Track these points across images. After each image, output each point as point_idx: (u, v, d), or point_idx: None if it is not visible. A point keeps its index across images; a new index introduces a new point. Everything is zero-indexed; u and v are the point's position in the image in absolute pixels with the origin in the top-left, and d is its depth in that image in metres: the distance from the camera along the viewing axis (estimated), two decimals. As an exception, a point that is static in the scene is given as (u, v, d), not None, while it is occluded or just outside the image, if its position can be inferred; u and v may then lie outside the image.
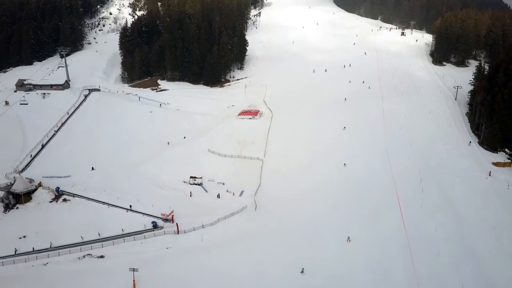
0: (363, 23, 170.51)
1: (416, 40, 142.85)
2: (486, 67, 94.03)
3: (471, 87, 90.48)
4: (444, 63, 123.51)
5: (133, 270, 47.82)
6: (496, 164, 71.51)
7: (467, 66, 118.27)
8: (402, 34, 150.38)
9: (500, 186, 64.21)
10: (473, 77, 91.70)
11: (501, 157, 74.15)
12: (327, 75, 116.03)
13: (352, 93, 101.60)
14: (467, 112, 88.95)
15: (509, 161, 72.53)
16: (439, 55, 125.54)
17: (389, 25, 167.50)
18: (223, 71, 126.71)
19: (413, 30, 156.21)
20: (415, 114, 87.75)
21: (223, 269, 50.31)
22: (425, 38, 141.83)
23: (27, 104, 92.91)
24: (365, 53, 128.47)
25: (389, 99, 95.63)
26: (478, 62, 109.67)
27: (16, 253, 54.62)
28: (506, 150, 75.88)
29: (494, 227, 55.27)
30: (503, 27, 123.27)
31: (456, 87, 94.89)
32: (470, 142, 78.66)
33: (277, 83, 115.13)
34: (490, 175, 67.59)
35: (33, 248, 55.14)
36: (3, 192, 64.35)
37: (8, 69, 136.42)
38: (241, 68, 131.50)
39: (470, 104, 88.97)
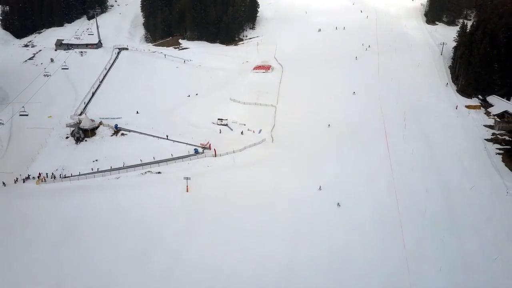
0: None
1: (412, 0, 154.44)
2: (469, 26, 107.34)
3: (455, 43, 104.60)
4: (437, 22, 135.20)
5: (187, 178, 65.18)
6: (468, 106, 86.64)
7: (457, 25, 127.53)
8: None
9: (467, 121, 79.98)
10: (456, 34, 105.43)
11: (474, 102, 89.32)
12: (329, 34, 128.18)
13: (352, 50, 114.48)
14: (450, 65, 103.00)
15: (479, 104, 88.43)
16: (432, 15, 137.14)
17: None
18: (237, 31, 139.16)
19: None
20: (405, 67, 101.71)
21: (250, 180, 67.18)
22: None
23: (67, 69, 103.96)
24: (367, 16, 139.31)
25: (384, 55, 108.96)
26: (468, 21, 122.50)
27: (98, 170, 72.22)
28: (479, 96, 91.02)
29: (457, 151, 70.75)
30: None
31: (442, 43, 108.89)
32: (447, 83, 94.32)
33: (286, 41, 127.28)
34: (456, 108, 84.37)
35: (111, 167, 72.65)
36: (75, 128, 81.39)
37: (42, 30, 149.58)
38: (253, 28, 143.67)
39: (453, 58, 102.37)
